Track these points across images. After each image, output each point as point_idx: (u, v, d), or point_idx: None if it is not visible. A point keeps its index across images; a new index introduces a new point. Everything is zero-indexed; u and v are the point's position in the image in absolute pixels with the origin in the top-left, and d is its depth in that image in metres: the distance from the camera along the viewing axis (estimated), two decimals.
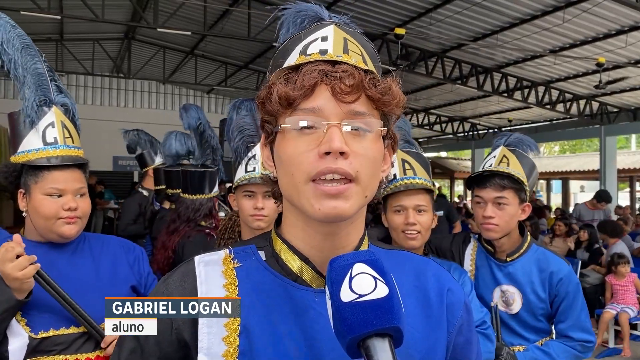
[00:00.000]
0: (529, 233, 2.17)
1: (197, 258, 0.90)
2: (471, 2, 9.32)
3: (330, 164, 0.78)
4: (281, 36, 0.97)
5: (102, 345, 1.65)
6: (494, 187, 2.05)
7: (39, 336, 1.57)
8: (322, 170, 0.78)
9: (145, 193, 4.86)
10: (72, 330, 1.62)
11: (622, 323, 6.01)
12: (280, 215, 0.95)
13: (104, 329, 1.64)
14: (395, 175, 2.01)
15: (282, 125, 0.83)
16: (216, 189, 3.20)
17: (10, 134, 1.78)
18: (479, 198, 2.09)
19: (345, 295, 0.70)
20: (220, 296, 0.86)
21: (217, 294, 0.86)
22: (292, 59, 0.87)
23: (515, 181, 2.05)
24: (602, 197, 9.22)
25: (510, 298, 2.08)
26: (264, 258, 0.90)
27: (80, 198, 1.70)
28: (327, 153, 0.78)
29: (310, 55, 0.85)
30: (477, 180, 2.11)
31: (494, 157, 2.16)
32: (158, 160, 4.94)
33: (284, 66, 0.87)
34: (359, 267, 0.73)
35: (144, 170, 4.96)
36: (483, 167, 2.17)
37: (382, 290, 0.71)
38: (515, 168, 2.09)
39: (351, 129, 0.81)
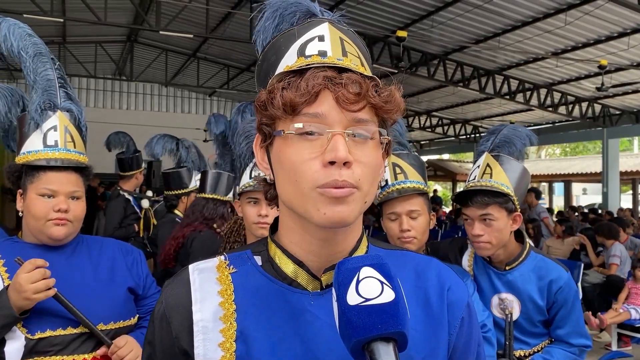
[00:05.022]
0: (528, 241, 2.13)
1: (191, 266, 0.91)
2: (473, 5, 9.33)
3: (335, 176, 0.78)
4: (264, 26, 0.94)
5: (107, 352, 1.66)
6: (478, 205, 1.98)
7: (36, 337, 1.57)
8: (328, 183, 0.78)
9: (127, 196, 4.87)
10: (69, 331, 1.63)
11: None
12: (276, 220, 0.94)
13: (101, 329, 1.65)
14: (387, 181, 1.98)
15: (285, 131, 0.82)
16: (230, 195, 3.29)
17: (18, 135, 1.80)
18: (466, 216, 2.05)
19: (352, 299, 0.71)
20: (215, 303, 0.86)
21: (212, 300, 0.86)
22: (290, 59, 0.86)
23: (500, 194, 1.99)
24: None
25: (508, 306, 2.06)
26: (259, 263, 0.90)
27: (73, 201, 1.70)
28: (332, 162, 0.78)
29: (310, 57, 0.84)
30: (462, 198, 2.06)
31: (478, 166, 2.10)
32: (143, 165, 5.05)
33: (283, 66, 0.86)
34: (366, 271, 0.73)
35: (130, 173, 4.98)
36: (468, 181, 2.12)
37: (389, 295, 0.71)
38: (498, 178, 2.02)
39: (354, 136, 0.81)
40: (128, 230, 4.77)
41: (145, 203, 4.92)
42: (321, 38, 0.86)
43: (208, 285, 0.88)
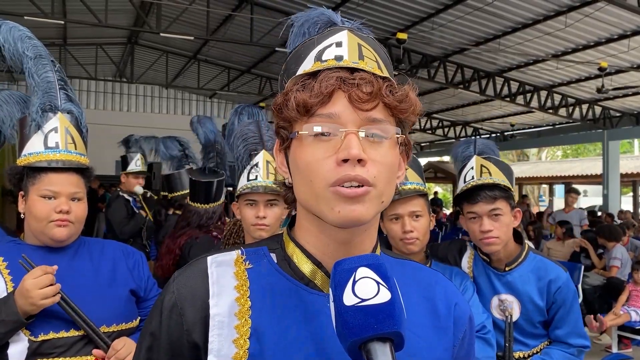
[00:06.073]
0: (527, 242, 2.14)
1: (209, 258, 0.89)
2: (473, 7, 9.35)
3: (349, 171, 0.78)
4: (292, 42, 0.97)
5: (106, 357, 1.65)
6: (486, 200, 1.99)
7: (39, 339, 1.58)
8: (341, 178, 0.78)
9: (126, 196, 4.85)
10: (72, 333, 1.63)
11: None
12: (293, 218, 0.94)
13: (103, 332, 1.65)
14: None
15: (299, 132, 0.83)
16: (223, 195, 3.25)
17: (18, 138, 1.80)
18: (472, 214, 2.04)
19: (348, 299, 0.71)
20: (231, 298, 0.85)
21: (229, 295, 0.85)
22: (307, 65, 0.87)
23: (503, 189, 2.03)
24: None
25: (508, 307, 2.06)
26: (275, 261, 0.90)
27: (75, 202, 1.70)
28: (345, 160, 0.78)
29: (325, 61, 0.85)
30: (466, 196, 2.06)
31: (472, 168, 2.11)
32: (142, 166, 4.99)
33: (300, 72, 0.87)
34: (362, 271, 0.73)
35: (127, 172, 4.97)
36: (465, 181, 2.12)
37: (385, 295, 0.71)
38: (498, 176, 2.06)
39: (368, 136, 0.81)
40: (137, 220, 4.72)
41: (139, 189, 4.85)
42: (339, 44, 0.87)
43: (225, 279, 0.87)
